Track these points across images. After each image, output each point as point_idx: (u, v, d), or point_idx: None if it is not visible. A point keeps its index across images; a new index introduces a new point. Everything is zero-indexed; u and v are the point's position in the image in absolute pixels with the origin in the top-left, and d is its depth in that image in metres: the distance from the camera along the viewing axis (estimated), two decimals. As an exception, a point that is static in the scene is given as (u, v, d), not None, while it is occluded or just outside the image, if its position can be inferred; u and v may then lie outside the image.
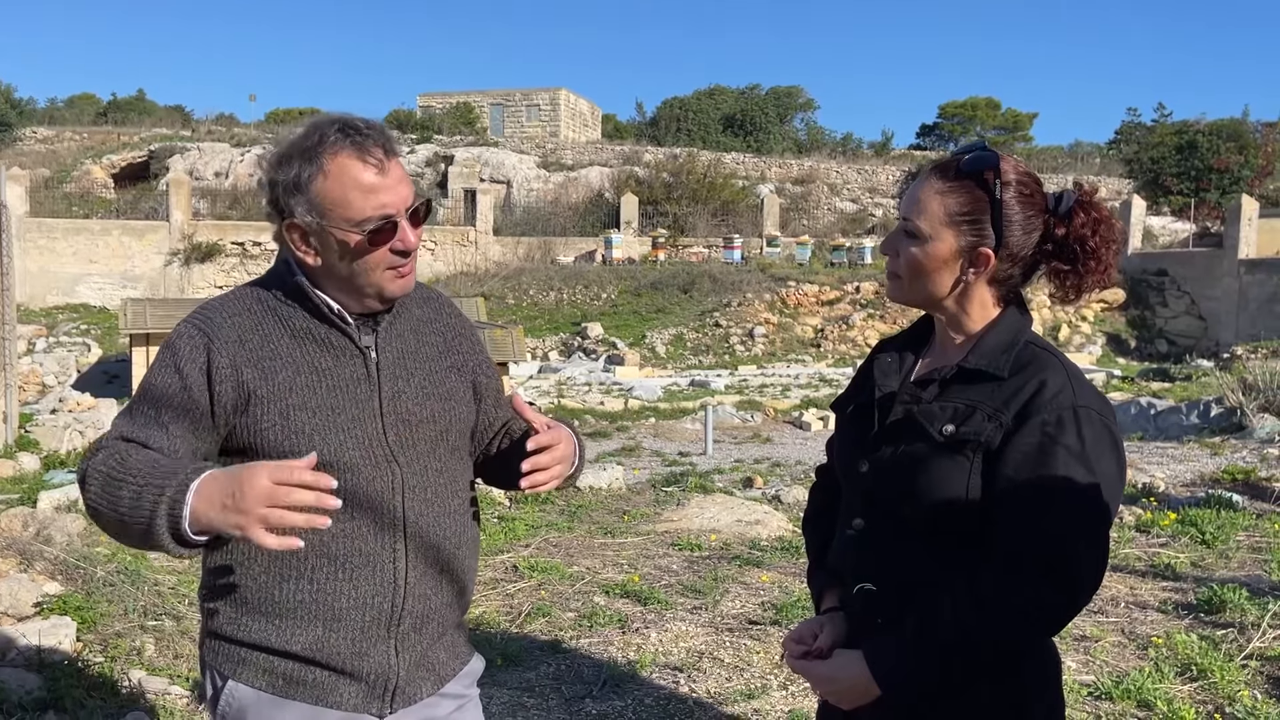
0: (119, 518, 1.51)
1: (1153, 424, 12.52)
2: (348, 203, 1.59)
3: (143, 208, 30.24)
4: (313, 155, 1.60)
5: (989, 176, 1.60)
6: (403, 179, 1.64)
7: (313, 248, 1.65)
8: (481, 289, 24.74)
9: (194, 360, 1.62)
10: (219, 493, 1.44)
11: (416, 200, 1.66)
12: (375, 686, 1.67)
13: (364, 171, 1.59)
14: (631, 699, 3.86)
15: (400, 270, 1.66)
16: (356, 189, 1.59)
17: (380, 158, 1.60)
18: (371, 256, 1.63)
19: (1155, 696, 3.71)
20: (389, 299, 1.69)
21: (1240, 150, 34.35)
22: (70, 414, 11.01)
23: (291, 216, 1.63)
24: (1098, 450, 1.52)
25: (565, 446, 1.73)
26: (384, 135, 1.64)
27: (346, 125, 1.61)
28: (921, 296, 1.69)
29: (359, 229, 1.60)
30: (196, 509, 1.45)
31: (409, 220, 1.65)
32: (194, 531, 1.47)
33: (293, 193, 1.61)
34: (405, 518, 1.67)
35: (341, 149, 1.59)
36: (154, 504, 1.47)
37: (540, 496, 7.60)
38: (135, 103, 52.15)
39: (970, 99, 55.35)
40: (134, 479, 1.50)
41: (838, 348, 23.43)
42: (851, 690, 1.62)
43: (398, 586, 1.66)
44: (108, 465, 1.55)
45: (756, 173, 37.92)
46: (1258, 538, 6.18)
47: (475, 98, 47.67)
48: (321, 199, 1.60)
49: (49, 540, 5.17)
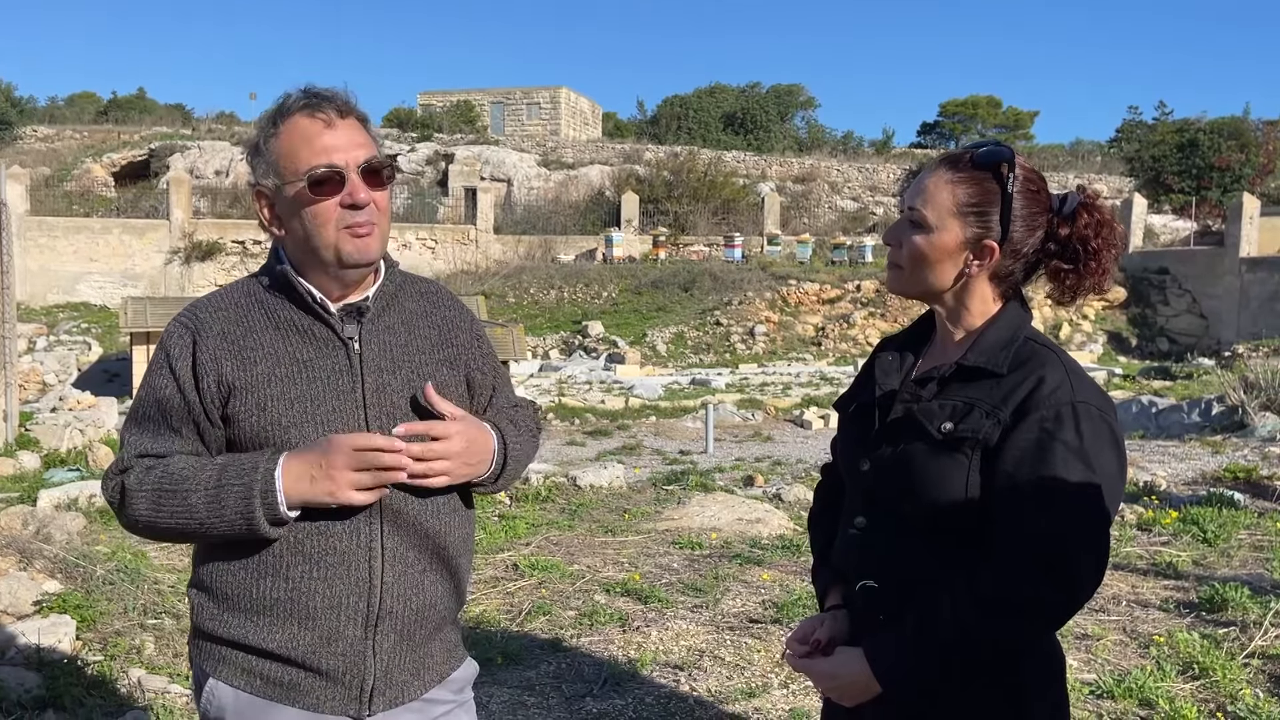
0: (195, 523, 1.59)
1: (1154, 422, 12.51)
2: (295, 155, 1.63)
3: (143, 206, 30.25)
4: (273, 120, 1.65)
5: (1003, 169, 1.60)
6: (357, 137, 1.65)
7: (277, 216, 1.68)
8: (482, 287, 24.74)
9: (183, 358, 1.66)
10: (306, 469, 1.56)
11: (372, 157, 1.65)
12: (350, 688, 1.65)
13: (311, 125, 1.63)
14: (632, 697, 3.85)
15: (356, 229, 1.64)
16: (304, 142, 1.62)
17: (330, 115, 1.63)
18: (320, 210, 1.62)
19: (1157, 695, 3.70)
20: (349, 264, 1.66)
21: (1241, 148, 34.35)
22: (70, 412, 11.01)
23: (257, 183, 1.68)
24: (1097, 446, 1.52)
25: (457, 443, 1.65)
26: (343, 99, 1.66)
27: (307, 91, 1.65)
28: (922, 288, 1.68)
29: (305, 178, 1.62)
30: (289, 490, 1.56)
31: (364, 177, 1.64)
32: (290, 508, 1.58)
33: (255, 157, 1.67)
34: (383, 515, 1.65)
35: (297, 110, 1.64)
36: (244, 500, 1.56)
37: (542, 494, 7.60)
38: (136, 101, 52.19)
39: (971, 97, 55.38)
40: (198, 484, 1.59)
41: (838, 346, 23.43)
42: (852, 687, 1.62)
43: (374, 586, 1.64)
44: (152, 481, 1.61)
45: (757, 171, 37.93)
46: (1259, 536, 6.17)
47: (476, 96, 47.68)
48: (275, 157, 1.65)
49: (48, 539, 5.17)
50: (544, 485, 7.81)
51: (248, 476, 1.57)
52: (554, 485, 7.92)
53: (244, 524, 1.57)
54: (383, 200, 1.68)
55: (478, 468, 1.71)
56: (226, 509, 1.57)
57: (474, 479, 1.72)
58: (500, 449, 1.75)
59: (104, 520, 6.30)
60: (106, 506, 6.42)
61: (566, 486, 8.00)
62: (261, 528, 1.57)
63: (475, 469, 1.71)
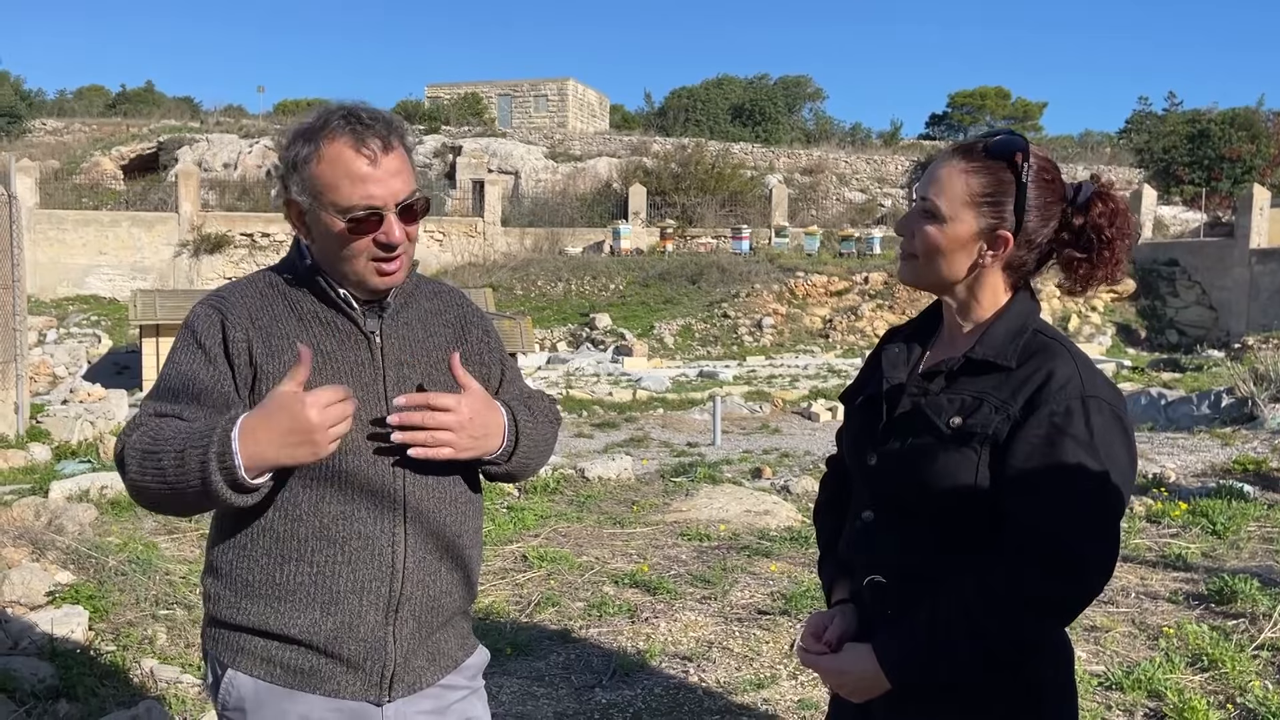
0: (167, 487, 1.55)
1: (1163, 414, 12.48)
2: (336, 188, 1.62)
3: (152, 199, 30.32)
4: (313, 137, 1.64)
5: (1018, 159, 1.59)
6: (398, 173, 1.64)
7: (306, 226, 1.69)
8: (489, 280, 24.75)
9: (211, 335, 1.66)
10: (275, 431, 1.51)
11: (410, 195, 1.66)
12: (371, 673, 1.67)
13: (356, 160, 1.61)
14: (641, 688, 3.87)
15: (383, 266, 1.66)
16: (346, 176, 1.61)
17: (375, 149, 1.62)
18: (354, 245, 1.64)
19: (1166, 687, 3.70)
20: (372, 291, 1.70)
21: (1252, 139, 34.15)
22: (81, 404, 11.05)
23: (289, 194, 1.68)
24: (1107, 440, 1.51)
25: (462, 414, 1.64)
26: (388, 127, 1.64)
27: (350, 114, 1.63)
28: (935, 279, 1.67)
29: (343, 216, 1.62)
30: (250, 453, 1.51)
31: (399, 215, 1.65)
32: (253, 476, 1.52)
33: (292, 171, 1.66)
34: (406, 502, 1.68)
35: (339, 135, 1.62)
36: (201, 462, 1.51)
37: (550, 486, 7.61)
38: (144, 94, 52.21)
39: (980, 88, 55.15)
40: (170, 446, 1.55)
41: (846, 338, 23.38)
42: (860, 683, 1.62)
43: (396, 572, 1.67)
44: (142, 442, 1.58)
45: (765, 163, 37.82)
46: (1269, 528, 6.16)
47: (483, 88, 47.61)
48: (314, 181, 1.63)
49: (61, 530, 5.20)
50: (552, 477, 7.83)
51: (206, 438, 1.52)
52: (562, 477, 7.94)
53: (202, 487, 1.51)
54: (415, 231, 1.70)
55: (484, 442, 1.70)
56: (188, 472, 1.52)
57: (483, 455, 1.72)
58: (511, 425, 1.75)
59: (115, 512, 6.33)
60: (117, 498, 6.48)
61: (575, 478, 8.02)
62: (219, 490, 1.51)
63: (482, 443, 1.70)
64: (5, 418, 9.01)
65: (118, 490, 6.56)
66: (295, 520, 1.64)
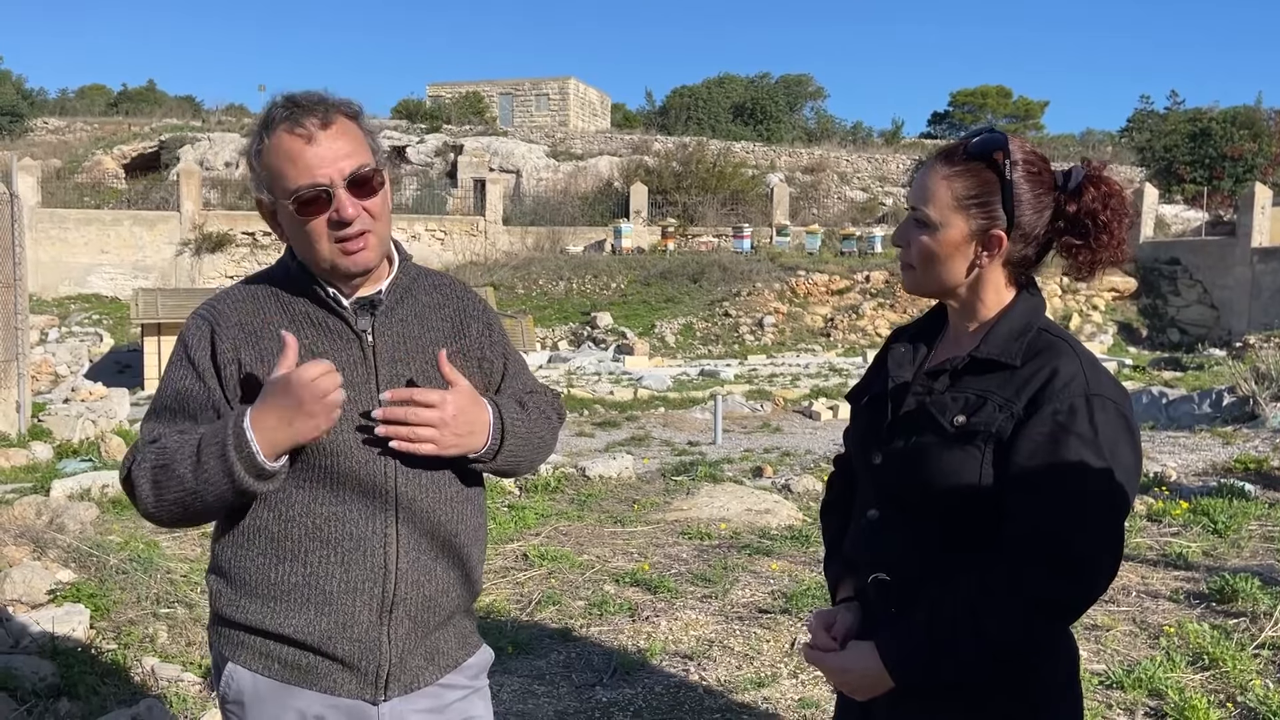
0: (189, 494, 1.59)
1: (1164, 413, 12.47)
2: (283, 174, 1.62)
3: (153, 198, 30.32)
4: (260, 133, 1.64)
5: (998, 157, 1.59)
6: (341, 147, 1.61)
7: (279, 224, 1.70)
8: (491, 279, 24.76)
9: (201, 348, 1.68)
10: (277, 416, 1.55)
11: (359, 167, 1.62)
12: (365, 673, 1.67)
13: (293, 142, 1.61)
14: (642, 687, 3.87)
15: (347, 246, 1.64)
16: (288, 159, 1.61)
17: (311, 127, 1.60)
18: (312, 228, 1.63)
19: (1167, 686, 3.70)
20: (345, 274, 1.67)
21: (1254, 138, 34.12)
22: (82, 403, 11.07)
23: (257, 193, 1.69)
24: (1112, 438, 1.50)
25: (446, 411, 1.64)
26: (324, 105, 1.63)
27: (289, 100, 1.63)
28: (936, 285, 1.67)
29: (292, 199, 1.61)
30: (264, 440, 1.55)
31: (351, 189, 1.62)
32: (270, 460, 1.57)
33: (251, 169, 1.68)
34: (398, 502, 1.67)
35: (280, 123, 1.61)
36: (221, 457, 1.55)
37: (551, 484, 7.61)
38: (145, 93, 52.23)
39: (981, 87, 55.11)
40: (183, 454, 1.58)
41: (847, 337, 23.38)
42: (864, 681, 1.62)
43: (389, 572, 1.66)
44: (150, 463, 1.61)
45: (766, 162, 37.80)
46: (1270, 527, 6.15)
47: (484, 87, 47.62)
48: (267, 174, 1.64)
49: (62, 528, 5.21)
50: (553, 476, 7.83)
51: (221, 435, 1.57)
52: (563, 476, 7.94)
53: (227, 482, 1.56)
54: (376, 206, 1.66)
55: (469, 439, 1.69)
56: (209, 471, 1.56)
57: (468, 452, 1.70)
58: (497, 423, 1.73)
59: (116, 510, 6.34)
60: (118, 497, 6.49)
61: (576, 477, 8.02)
62: (244, 481, 1.56)
63: (466, 440, 1.69)
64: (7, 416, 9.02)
65: (119, 489, 6.56)
66: (289, 521, 1.65)
